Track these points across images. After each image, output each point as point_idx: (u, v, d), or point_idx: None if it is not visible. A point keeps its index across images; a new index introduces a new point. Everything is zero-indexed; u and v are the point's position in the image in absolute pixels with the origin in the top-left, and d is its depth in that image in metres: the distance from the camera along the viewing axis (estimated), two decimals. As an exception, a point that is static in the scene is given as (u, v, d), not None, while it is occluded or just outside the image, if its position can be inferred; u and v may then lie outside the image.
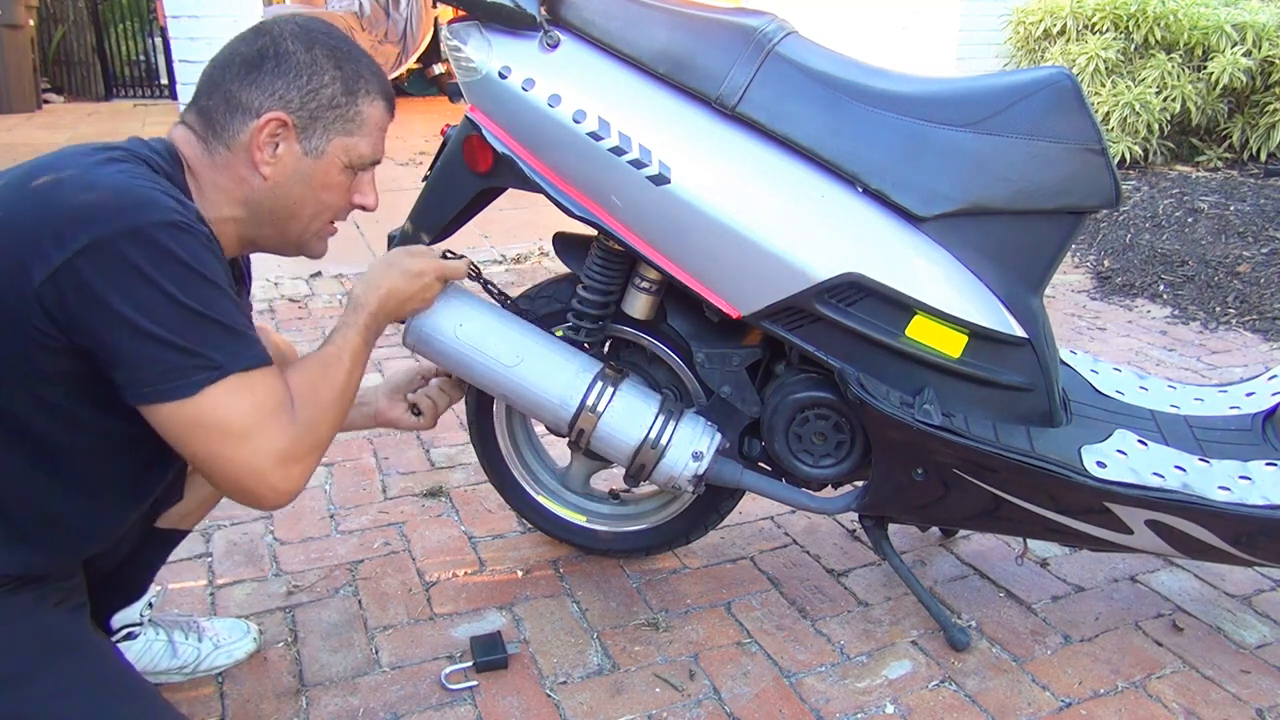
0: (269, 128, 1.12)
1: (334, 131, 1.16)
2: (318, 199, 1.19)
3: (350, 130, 1.18)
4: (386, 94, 1.22)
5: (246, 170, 1.14)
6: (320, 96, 1.14)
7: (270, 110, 1.12)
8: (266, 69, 1.12)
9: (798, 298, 1.45)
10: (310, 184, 1.17)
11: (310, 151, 1.16)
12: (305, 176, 1.17)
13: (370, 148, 1.20)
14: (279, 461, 1.05)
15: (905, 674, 1.61)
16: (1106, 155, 1.42)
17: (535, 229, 4.18)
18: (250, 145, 1.13)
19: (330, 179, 1.18)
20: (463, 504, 2.10)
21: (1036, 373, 1.50)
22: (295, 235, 1.21)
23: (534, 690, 1.55)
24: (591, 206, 1.48)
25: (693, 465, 1.52)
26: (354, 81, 1.17)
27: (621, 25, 1.45)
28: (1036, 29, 5.10)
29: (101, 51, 8.78)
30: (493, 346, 1.50)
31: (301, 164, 1.16)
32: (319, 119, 1.15)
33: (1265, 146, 4.86)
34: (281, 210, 1.18)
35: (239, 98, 1.12)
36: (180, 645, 1.53)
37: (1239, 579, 1.88)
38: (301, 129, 1.14)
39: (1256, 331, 3.29)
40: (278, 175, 1.15)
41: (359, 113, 1.18)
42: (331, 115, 1.16)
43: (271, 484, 1.05)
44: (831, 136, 1.42)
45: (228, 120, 1.13)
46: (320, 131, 1.16)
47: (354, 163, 1.19)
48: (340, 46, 1.17)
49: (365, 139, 1.19)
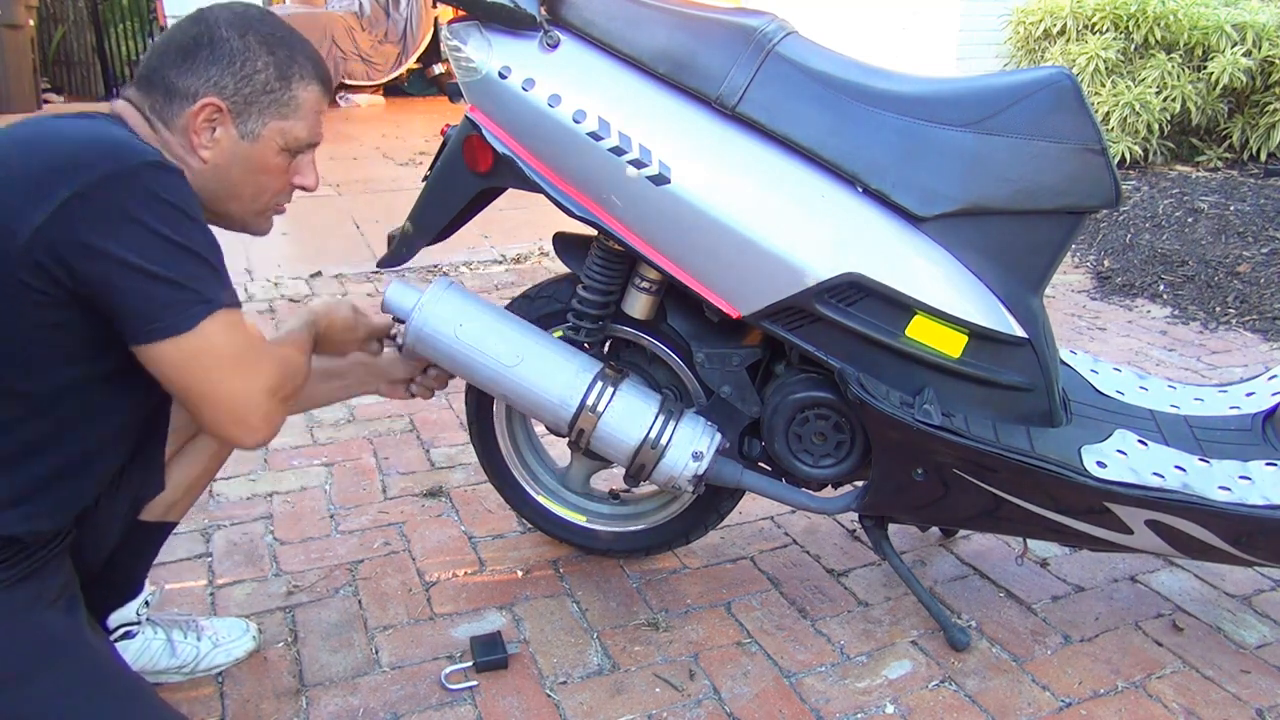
0: (204, 113, 1.16)
1: (269, 115, 1.19)
2: (256, 181, 1.22)
3: (285, 114, 1.20)
4: (322, 78, 1.25)
5: (185, 153, 1.17)
6: (254, 82, 1.18)
7: (205, 96, 1.15)
8: (201, 56, 1.16)
9: (798, 298, 1.45)
10: (248, 167, 1.21)
11: (246, 135, 1.19)
12: (242, 160, 1.20)
13: (306, 131, 1.23)
14: (268, 394, 1.12)
15: (905, 674, 1.61)
16: (1106, 155, 1.42)
17: (535, 229, 4.18)
18: (188, 130, 1.16)
19: (267, 162, 1.22)
20: (463, 504, 2.10)
21: (1036, 373, 1.50)
22: (237, 215, 1.25)
23: (534, 690, 1.55)
24: (591, 206, 1.48)
25: (693, 465, 1.52)
26: (287, 66, 1.20)
27: (621, 25, 1.45)
28: (1036, 29, 5.10)
29: (101, 51, 8.77)
30: (493, 346, 1.50)
31: (238, 148, 1.19)
32: (254, 104, 1.18)
33: (1265, 146, 4.86)
34: (222, 192, 1.21)
35: (176, 84, 1.16)
36: (179, 644, 1.53)
37: (1239, 579, 1.88)
38: (237, 114, 1.18)
39: (1256, 331, 3.29)
40: (216, 159, 1.19)
41: (293, 97, 1.21)
42: (266, 100, 1.19)
43: (262, 414, 1.12)
44: (831, 136, 1.42)
45: (166, 105, 1.17)
46: (255, 116, 1.19)
47: (290, 145, 1.22)
48: (275, 33, 1.20)
49: (300, 122, 1.22)
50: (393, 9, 8.24)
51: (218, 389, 1.08)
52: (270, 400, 1.12)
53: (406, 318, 1.51)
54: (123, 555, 1.40)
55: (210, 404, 1.09)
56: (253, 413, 1.11)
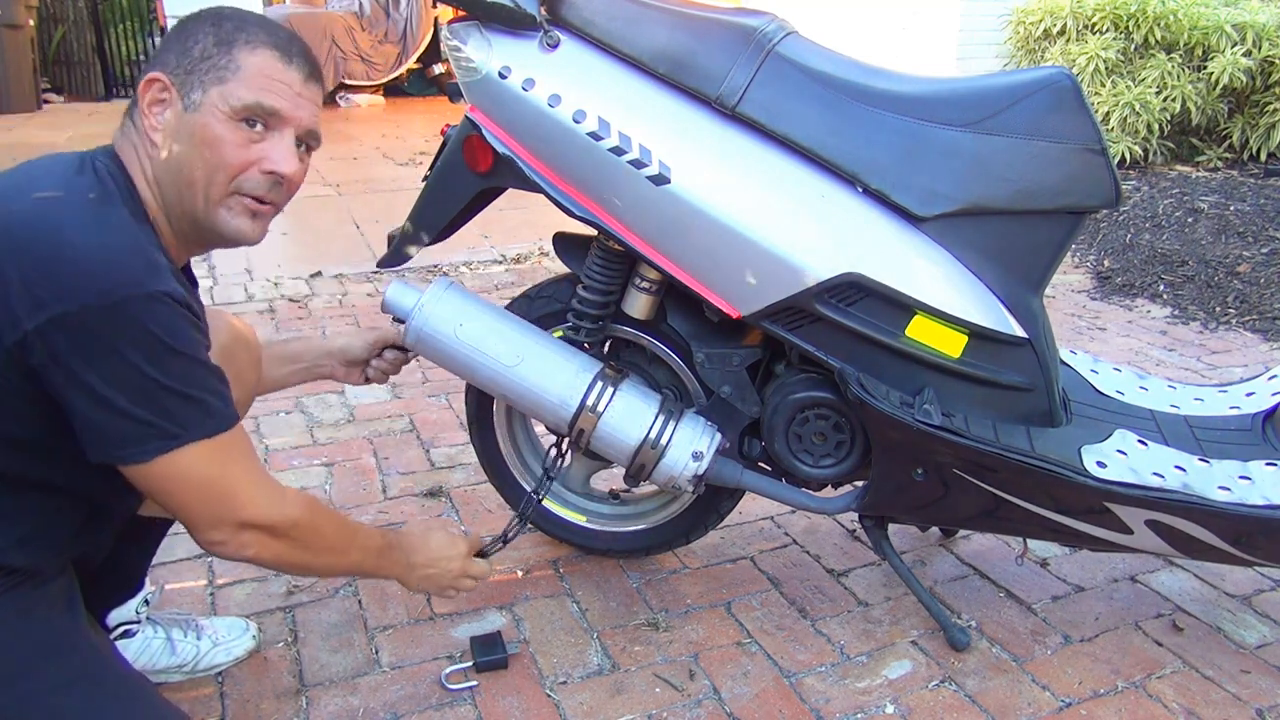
0: (150, 92, 1.11)
1: (209, 82, 1.10)
2: (204, 157, 1.11)
3: (224, 78, 1.10)
4: (280, 47, 1.14)
5: (149, 146, 1.12)
6: (193, 53, 1.11)
7: (148, 73, 1.11)
8: (161, 48, 1.14)
9: (798, 298, 1.45)
10: (194, 140, 1.10)
11: (190, 107, 1.10)
12: (189, 134, 1.10)
13: (252, 92, 1.11)
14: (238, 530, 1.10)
15: (905, 674, 1.61)
16: (1106, 155, 1.42)
17: (535, 229, 4.18)
18: (142, 116, 1.12)
19: (211, 131, 1.10)
20: (463, 504, 2.10)
21: (1036, 373, 1.50)
22: (201, 209, 1.13)
23: (534, 690, 1.55)
24: (591, 206, 1.48)
25: (693, 465, 1.52)
26: (231, 34, 1.12)
27: (622, 25, 1.45)
28: (1036, 29, 5.10)
29: (101, 51, 8.78)
30: (493, 346, 1.50)
31: (183, 121, 1.10)
32: (193, 73, 1.10)
33: (1265, 146, 4.86)
34: (179, 181, 1.12)
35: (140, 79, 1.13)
36: (179, 643, 1.53)
37: (1239, 579, 1.88)
38: (180, 86, 1.10)
39: (1256, 331, 3.29)
40: (166, 141, 1.11)
41: (233, 60, 1.11)
42: (205, 66, 1.11)
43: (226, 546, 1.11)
44: (831, 136, 1.42)
45: (134, 106, 1.14)
46: (196, 85, 1.10)
47: (235, 110, 1.10)
48: (234, 15, 1.14)
49: (243, 84, 1.11)
50: (393, 9, 8.25)
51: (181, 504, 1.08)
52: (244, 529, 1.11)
53: (406, 318, 1.52)
54: (123, 551, 1.41)
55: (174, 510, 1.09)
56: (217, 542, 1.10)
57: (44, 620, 1.11)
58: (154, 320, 1.00)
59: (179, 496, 1.07)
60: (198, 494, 1.07)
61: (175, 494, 1.06)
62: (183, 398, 1.04)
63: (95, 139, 5.88)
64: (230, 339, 1.41)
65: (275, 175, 1.14)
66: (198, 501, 1.07)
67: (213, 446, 1.06)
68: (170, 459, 1.03)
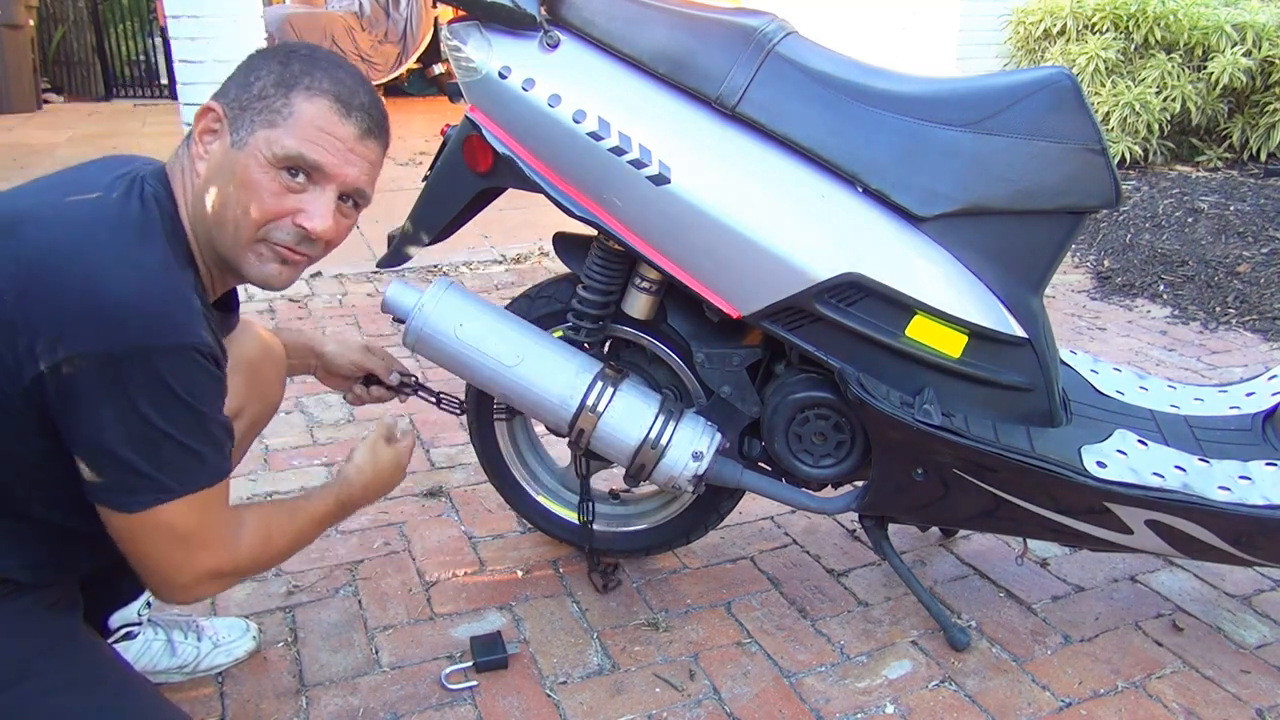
0: (205, 120, 1.09)
1: (258, 123, 1.07)
2: (237, 197, 1.08)
3: (274, 122, 1.07)
4: (341, 98, 1.09)
5: (194, 175, 1.11)
6: (253, 88, 1.08)
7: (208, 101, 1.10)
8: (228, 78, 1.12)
9: (798, 298, 1.45)
10: (231, 178, 1.07)
11: (236, 143, 1.08)
12: (228, 169, 1.08)
13: (296, 142, 1.07)
14: (200, 579, 1.10)
15: (905, 674, 1.61)
16: (1106, 155, 1.42)
17: (535, 229, 4.18)
18: (195, 142, 1.11)
19: (249, 174, 1.07)
20: (463, 504, 2.10)
21: (1036, 373, 1.50)
22: (230, 247, 1.10)
23: (534, 690, 1.55)
24: (591, 206, 1.48)
25: (693, 465, 1.52)
26: (294, 77, 1.08)
27: (621, 25, 1.45)
28: (1036, 29, 5.10)
29: (101, 51, 8.78)
30: (493, 346, 1.50)
31: (227, 156, 1.08)
32: (248, 109, 1.08)
33: (1265, 146, 4.86)
34: (212, 214, 1.09)
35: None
36: (179, 644, 1.53)
37: (1239, 579, 1.88)
38: (232, 120, 1.08)
39: (1256, 331, 3.29)
40: (208, 170, 1.09)
41: (288, 104, 1.07)
42: (259, 106, 1.07)
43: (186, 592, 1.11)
44: (831, 136, 1.42)
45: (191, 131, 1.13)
46: (247, 122, 1.08)
47: (278, 157, 1.07)
48: (303, 52, 1.11)
49: (291, 133, 1.07)
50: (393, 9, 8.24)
51: (147, 559, 1.07)
52: (199, 585, 1.11)
53: (406, 318, 1.52)
54: None
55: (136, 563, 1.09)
56: (173, 590, 1.10)
57: (43, 621, 1.11)
58: (173, 374, 0.99)
59: (150, 548, 1.06)
60: (169, 547, 1.06)
61: (147, 545, 1.06)
62: (186, 451, 1.03)
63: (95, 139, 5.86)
64: (259, 354, 1.40)
65: (305, 230, 1.11)
66: (166, 554, 1.07)
67: (197, 501, 1.06)
68: (155, 511, 1.03)
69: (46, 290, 0.96)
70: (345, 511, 1.34)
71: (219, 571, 1.12)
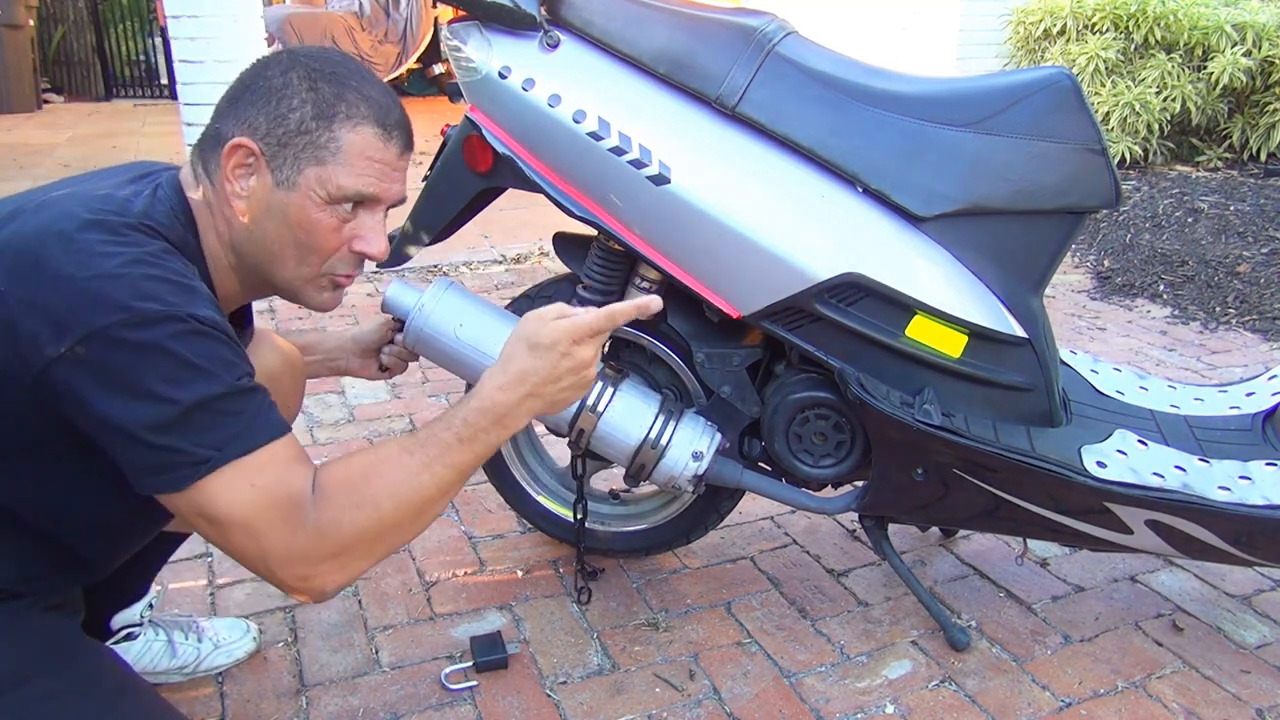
0: (235, 157, 1.04)
1: (304, 160, 1.03)
2: (296, 239, 1.06)
3: (322, 159, 1.04)
4: (381, 121, 1.07)
5: (228, 210, 1.06)
6: (288, 121, 1.03)
7: (235, 137, 1.03)
8: (244, 98, 1.05)
9: (798, 298, 1.45)
10: (286, 221, 1.05)
11: (282, 183, 1.04)
12: (280, 212, 1.05)
13: (352, 179, 1.05)
14: (287, 561, 0.95)
15: (905, 674, 1.61)
16: (1106, 155, 1.42)
17: (535, 229, 4.18)
18: (224, 179, 1.05)
19: (307, 216, 1.05)
20: (463, 504, 2.10)
21: (1036, 373, 1.50)
22: (286, 282, 1.09)
23: (534, 690, 1.55)
24: (591, 206, 1.48)
25: (693, 465, 1.52)
26: (330, 105, 1.04)
27: (621, 25, 1.45)
28: (1036, 29, 5.10)
29: (101, 51, 8.78)
30: (493, 346, 1.49)
31: (274, 197, 1.04)
32: (288, 146, 1.03)
33: (1265, 146, 4.86)
34: (262, 253, 1.07)
35: (220, 131, 1.05)
36: (180, 645, 1.53)
37: (1239, 579, 1.88)
38: (270, 158, 1.03)
39: (1256, 331, 3.29)
40: (252, 210, 1.05)
41: (333, 139, 1.04)
42: (301, 142, 1.03)
43: (289, 583, 0.96)
44: (831, 136, 1.42)
45: (211, 155, 1.07)
46: (290, 160, 1.04)
47: (334, 196, 1.05)
48: (325, 69, 1.06)
49: (343, 169, 1.04)
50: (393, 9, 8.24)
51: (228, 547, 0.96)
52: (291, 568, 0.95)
53: (406, 318, 1.51)
54: (135, 561, 1.40)
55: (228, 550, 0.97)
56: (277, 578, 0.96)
57: (41, 625, 1.11)
58: (176, 340, 0.92)
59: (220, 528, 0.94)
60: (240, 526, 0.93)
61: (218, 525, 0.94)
62: (213, 415, 0.93)
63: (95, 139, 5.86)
64: (280, 366, 1.38)
65: (366, 257, 1.10)
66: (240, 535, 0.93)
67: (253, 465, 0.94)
68: (202, 486, 0.92)
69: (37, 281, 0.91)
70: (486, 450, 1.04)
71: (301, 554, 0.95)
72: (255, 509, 0.93)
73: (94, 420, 0.92)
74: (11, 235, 0.96)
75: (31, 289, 0.91)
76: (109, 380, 0.91)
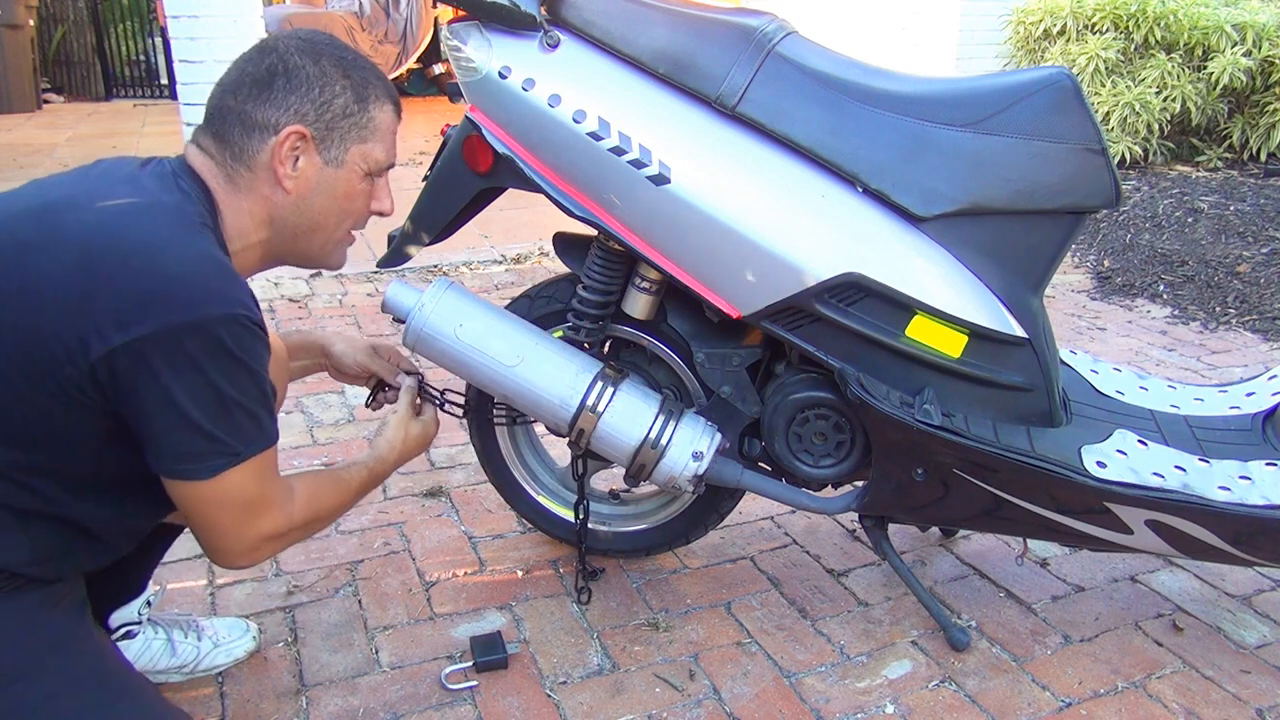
0: (289, 142, 1.15)
1: (350, 140, 1.20)
2: (340, 208, 1.23)
3: (365, 137, 1.21)
4: (394, 98, 1.25)
5: (269, 188, 1.18)
6: (334, 107, 1.17)
7: (288, 124, 1.15)
8: (278, 85, 1.15)
9: (798, 298, 1.45)
10: (333, 194, 1.21)
11: (330, 161, 1.19)
12: (328, 187, 1.20)
13: (385, 153, 1.24)
14: (259, 542, 1.16)
15: (905, 674, 1.61)
16: (1106, 155, 1.42)
17: (535, 229, 4.18)
18: (272, 162, 1.16)
19: (351, 187, 1.22)
20: (463, 504, 2.10)
21: (1036, 373, 1.50)
22: (319, 247, 1.25)
23: (534, 690, 1.55)
24: (591, 206, 1.48)
25: (693, 465, 1.52)
26: (363, 89, 1.20)
27: (621, 25, 1.45)
28: (1036, 29, 5.10)
29: (101, 51, 8.78)
30: (493, 346, 1.50)
31: (324, 175, 1.19)
32: (335, 129, 1.18)
33: (1265, 146, 4.86)
34: (307, 223, 1.21)
35: (254, 117, 1.15)
36: (179, 644, 1.53)
37: (1239, 579, 1.88)
38: (319, 140, 1.17)
39: (1256, 331, 3.29)
40: (301, 188, 1.19)
41: (371, 119, 1.21)
42: (347, 124, 1.19)
43: (246, 557, 1.16)
44: (831, 136, 1.42)
45: (245, 141, 1.16)
46: (337, 141, 1.19)
47: (372, 169, 1.23)
48: (345, 56, 1.20)
49: (379, 144, 1.23)
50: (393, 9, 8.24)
51: (216, 526, 1.12)
52: (258, 549, 1.16)
53: (406, 318, 1.52)
54: (132, 555, 1.41)
55: (203, 532, 1.13)
56: (235, 555, 1.15)
57: (49, 619, 1.12)
58: (234, 340, 1.04)
59: (217, 513, 1.11)
60: (235, 511, 1.11)
61: (215, 511, 1.10)
62: (248, 415, 1.09)
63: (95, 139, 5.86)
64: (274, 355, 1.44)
65: (380, 215, 1.30)
66: (232, 519, 1.12)
67: (258, 464, 1.11)
68: (224, 477, 1.08)
69: (108, 272, 1.00)
70: (377, 481, 1.41)
71: (276, 534, 1.17)
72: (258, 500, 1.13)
73: (151, 404, 1.02)
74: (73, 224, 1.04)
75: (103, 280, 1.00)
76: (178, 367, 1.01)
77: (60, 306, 1.00)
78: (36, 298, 1.00)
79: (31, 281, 1.01)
